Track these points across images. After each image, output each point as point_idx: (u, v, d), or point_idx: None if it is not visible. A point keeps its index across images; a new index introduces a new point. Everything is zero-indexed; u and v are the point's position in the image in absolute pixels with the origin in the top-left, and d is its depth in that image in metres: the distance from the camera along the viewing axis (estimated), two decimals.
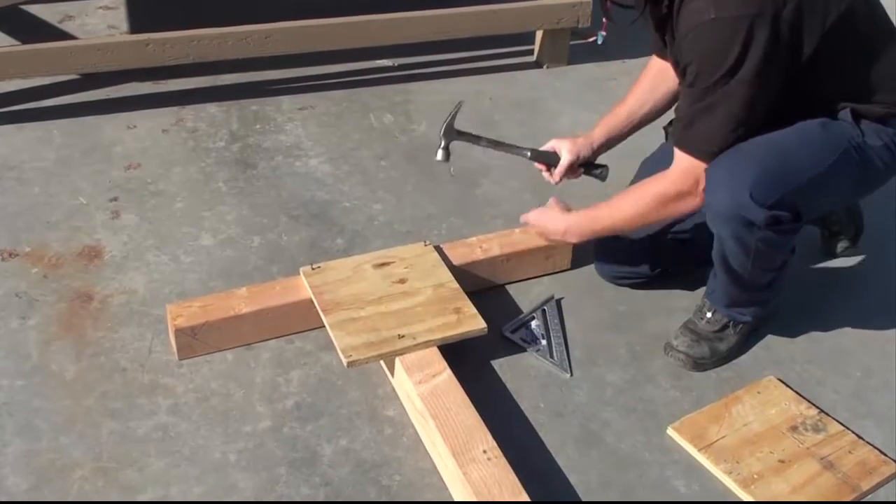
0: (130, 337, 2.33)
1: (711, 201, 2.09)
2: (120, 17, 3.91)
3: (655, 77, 2.44)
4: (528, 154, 2.47)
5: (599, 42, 2.33)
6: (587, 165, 2.50)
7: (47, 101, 3.35)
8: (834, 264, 2.72)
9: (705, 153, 2.07)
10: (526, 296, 2.54)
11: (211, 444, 2.06)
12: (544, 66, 3.78)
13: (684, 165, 2.11)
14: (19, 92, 3.35)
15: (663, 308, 2.51)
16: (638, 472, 2.06)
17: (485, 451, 1.94)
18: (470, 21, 3.54)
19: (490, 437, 1.97)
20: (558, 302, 2.52)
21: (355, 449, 2.07)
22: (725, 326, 2.33)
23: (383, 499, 1.96)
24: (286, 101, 3.45)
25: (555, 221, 2.39)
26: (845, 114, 2.11)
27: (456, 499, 1.95)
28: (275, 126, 3.29)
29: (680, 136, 2.11)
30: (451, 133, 2.43)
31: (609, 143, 2.50)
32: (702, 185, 2.09)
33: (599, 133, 2.48)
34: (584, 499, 1.99)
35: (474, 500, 1.84)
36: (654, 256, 2.48)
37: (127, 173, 2.98)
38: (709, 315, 2.34)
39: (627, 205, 2.24)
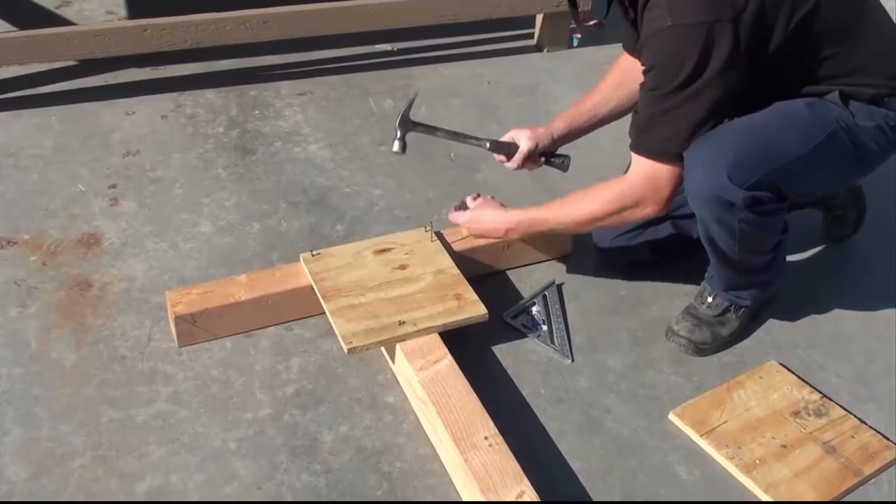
0: (130, 324, 2.32)
1: (690, 183, 2.08)
2: (117, 3, 3.90)
3: (622, 75, 2.43)
4: (488, 145, 2.47)
5: (575, 44, 2.35)
6: (547, 155, 2.49)
7: (45, 87, 3.33)
8: (836, 249, 2.71)
9: (663, 156, 2.05)
10: (526, 281, 2.53)
11: (211, 431, 2.06)
12: (544, 50, 3.76)
13: (644, 171, 2.09)
14: (17, 78, 3.33)
15: (664, 293, 2.50)
16: (639, 458, 2.06)
17: (486, 438, 1.93)
18: (470, 5, 3.52)
19: (491, 424, 1.96)
20: (559, 287, 2.51)
21: (356, 436, 2.07)
22: (726, 311, 2.32)
23: (384, 485, 1.96)
24: (285, 86, 3.44)
25: (494, 220, 2.38)
26: (833, 96, 2.08)
27: (457, 485, 1.95)
28: (274, 112, 3.28)
29: (636, 140, 2.10)
30: (407, 124, 2.41)
31: (570, 136, 2.49)
32: (663, 192, 2.09)
33: (560, 124, 2.48)
34: (585, 485, 1.98)
35: (475, 486, 1.84)
36: (654, 240, 2.47)
37: (125, 160, 2.97)
38: (709, 300, 2.33)
39: (582, 206, 2.22)
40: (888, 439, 2.10)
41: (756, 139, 2.04)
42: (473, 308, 2.24)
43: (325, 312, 2.22)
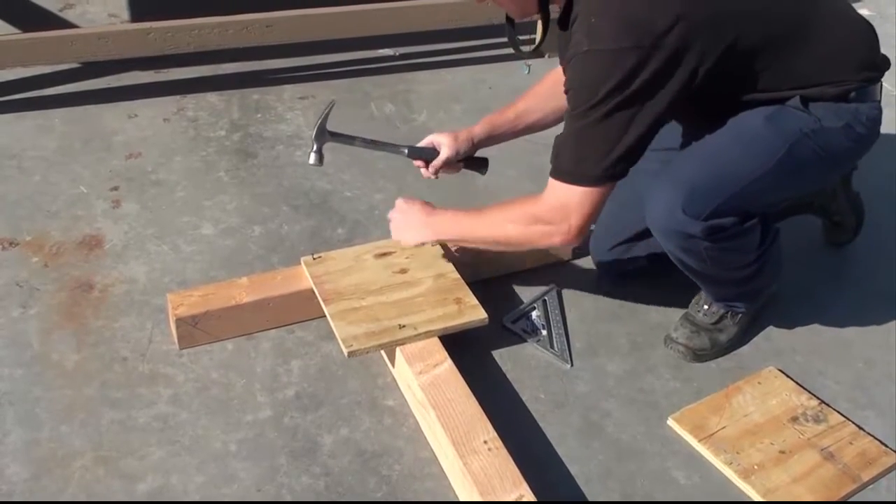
0: (131, 326, 2.33)
1: (649, 218, 2.08)
2: (121, 6, 3.91)
3: (551, 88, 2.38)
4: (406, 151, 2.44)
5: (526, 73, 2.32)
6: (467, 160, 2.47)
7: (48, 89, 3.34)
8: (836, 255, 2.72)
9: (573, 178, 1.99)
10: (526, 286, 2.54)
11: (211, 433, 2.06)
12: (545, 56, 3.77)
13: (556, 193, 2.03)
14: (20, 81, 3.34)
15: (664, 298, 2.51)
16: (638, 462, 2.06)
17: (485, 442, 1.94)
18: (471, 10, 3.53)
19: (491, 428, 1.97)
20: (559, 292, 2.52)
21: (356, 439, 2.07)
22: (723, 317, 2.33)
23: (383, 488, 1.96)
24: (287, 90, 3.45)
25: (415, 216, 2.35)
26: (794, 101, 2.02)
27: (456, 489, 1.95)
28: (276, 115, 3.29)
29: (552, 163, 2.04)
30: (324, 135, 2.35)
31: (491, 141, 2.46)
32: (571, 220, 2.02)
33: (481, 129, 2.44)
34: (584, 489, 1.99)
35: (475, 489, 1.84)
36: (651, 249, 2.47)
37: (128, 162, 2.97)
38: (705, 307, 2.34)
39: (496, 221, 2.17)
40: (886, 446, 2.10)
41: (710, 168, 2.02)
42: (473, 312, 2.24)
43: (325, 315, 2.23)
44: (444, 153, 2.41)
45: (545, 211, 2.05)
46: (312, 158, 2.36)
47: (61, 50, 3.16)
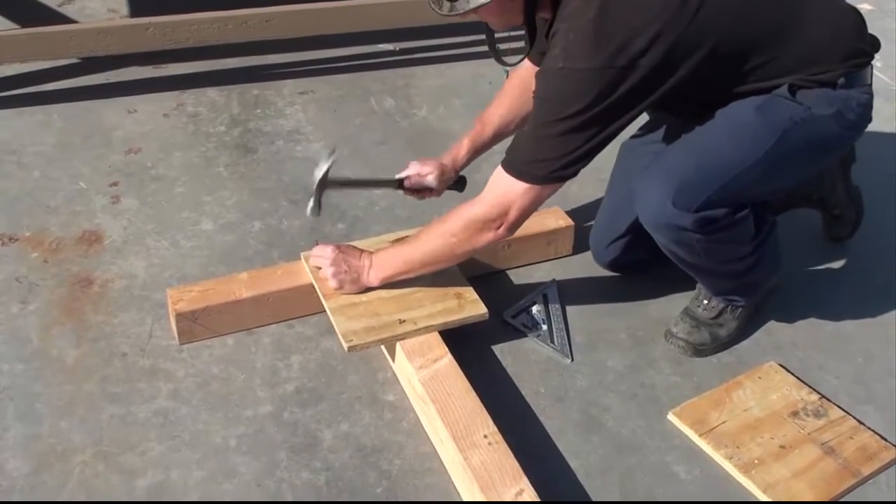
0: (131, 322, 2.33)
1: (639, 212, 2.09)
2: (120, 1, 3.90)
3: (521, 95, 2.37)
4: (396, 185, 2.44)
5: (506, 77, 2.32)
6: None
7: (47, 85, 3.34)
8: (836, 250, 2.71)
9: (522, 175, 2.00)
10: (527, 281, 2.54)
11: (211, 428, 2.06)
12: None
13: (502, 189, 2.03)
14: (19, 76, 3.34)
15: (664, 293, 2.51)
16: (638, 457, 2.06)
17: (485, 436, 1.94)
18: None
19: (491, 422, 1.97)
20: (559, 287, 2.52)
21: (356, 434, 2.07)
22: (723, 311, 2.33)
23: (383, 483, 1.96)
24: (287, 85, 3.44)
25: (349, 263, 2.23)
26: (783, 90, 2.02)
27: (456, 483, 1.96)
28: (275, 110, 3.29)
29: (507, 156, 2.04)
30: (325, 186, 2.29)
31: (473, 159, 2.48)
32: (511, 216, 2.04)
33: (464, 156, 2.45)
34: (584, 483, 1.99)
35: (475, 484, 1.84)
36: (652, 242, 2.46)
37: (127, 158, 2.97)
38: (705, 302, 2.34)
39: (436, 236, 2.15)
40: (886, 440, 2.10)
41: (700, 159, 2.02)
42: (473, 307, 2.24)
43: (325, 310, 2.23)
44: (434, 185, 2.43)
45: (486, 207, 2.06)
46: (311, 210, 2.31)
47: (60, 45, 3.16)
